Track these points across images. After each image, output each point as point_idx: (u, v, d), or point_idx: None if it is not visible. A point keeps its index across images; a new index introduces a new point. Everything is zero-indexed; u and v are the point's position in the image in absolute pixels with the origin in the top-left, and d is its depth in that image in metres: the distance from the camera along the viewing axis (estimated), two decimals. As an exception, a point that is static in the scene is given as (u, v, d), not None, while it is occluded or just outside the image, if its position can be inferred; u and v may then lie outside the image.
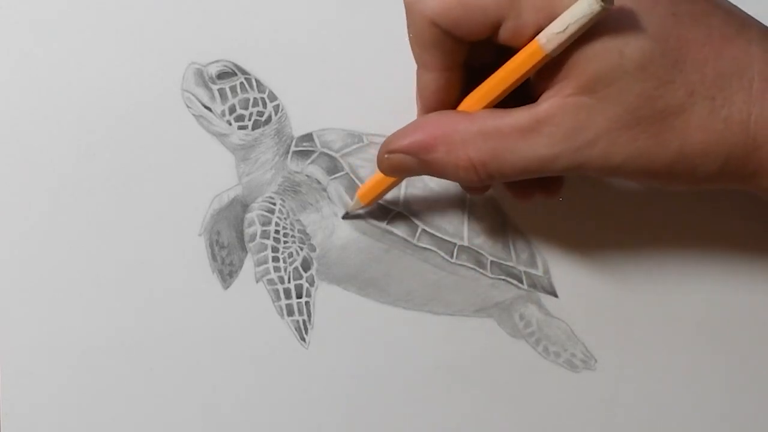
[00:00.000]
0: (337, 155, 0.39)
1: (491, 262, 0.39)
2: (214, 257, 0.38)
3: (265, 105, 0.38)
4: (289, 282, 0.38)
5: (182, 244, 0.38)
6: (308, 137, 0.39)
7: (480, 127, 0.31)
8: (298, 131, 0.39)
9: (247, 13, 0.38)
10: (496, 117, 0.31)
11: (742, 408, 0.40)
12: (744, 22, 0.31)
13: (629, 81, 0.30)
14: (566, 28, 0.29)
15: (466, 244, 0.39)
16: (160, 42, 0.38)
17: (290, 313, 0.38)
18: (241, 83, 0.38)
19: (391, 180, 0.36)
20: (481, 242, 0.39)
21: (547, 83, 0.31)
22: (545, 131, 0.30)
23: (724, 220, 0.40)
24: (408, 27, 0.32)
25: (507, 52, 0.31)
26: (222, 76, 0.38)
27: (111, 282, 0.38)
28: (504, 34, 0.31)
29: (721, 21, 0.31)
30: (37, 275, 0.38)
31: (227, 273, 0.39)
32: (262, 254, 0.38)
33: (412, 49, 0.33)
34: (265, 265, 0.38)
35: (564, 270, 0.39)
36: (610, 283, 0.39)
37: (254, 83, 0.38)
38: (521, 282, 0.39)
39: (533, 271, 0.39)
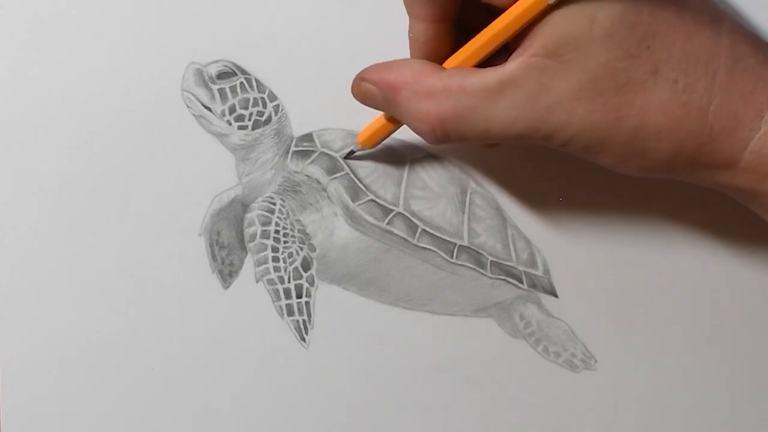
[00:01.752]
0: (337, 155, 0.39)
1: (491, 262, 0.39)
2: (214, 257, 0.38)
3: (265, 105, 0.38)
4: (289, 282, 0.38)
5: (182, 244, 0.38)
6: (308, 137, 0.39)
7: (446, 84, 0.31)
8: (298, 131, 0.39)
9: (247, 13, 0.38)
10: (465, 75, 0.31)
11: (742, 408, 0.40)
12: (718, 13, 0.31)
13: (596, 48, 0.30)
14: None
15: (466, 244, 0.39)
16: (160, 42, 0.38)
17: (290, 313, 0.38)
18: (241, 83, 0.38)
19: (390, 126, 0.36)
20: (481, 242, 0.39)
21: (518, 44, 0.31)
22: (508, 93, 0.30)
23: (724, 221, 0.39)
24: None
25: (496, 14, 0.31)
26: (222, 76, 0.38)
27: (111, 282, 0.38)
28: None
29: (696, 7, 0.31)
30: (37, 275, 0.38)
31: (227, 273, 0.39)
32: (262, 254, 0.38)
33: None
34: (265, 265, 0.38)
35: (564, 270, 0.39)
36: (610, 283, 0.39)
37: (254, 83, 0.38)
38: (521, 282, 0.39)
39: (533, 271, 0.39)
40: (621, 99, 0.30)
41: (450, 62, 0.33)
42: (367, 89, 0.34)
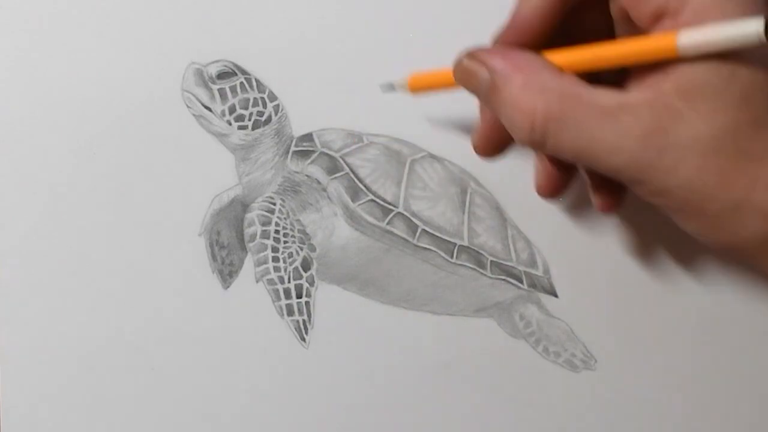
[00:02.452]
0: (337, 155, 0.39)
1: (491, 262, 0.39)
2: (214, 257, 0.38)
3: (265, 105, 0.38)
4: (289, 282, 0.38)
5: (182, 244, 0.38)
6: (308, 137, 0.39)
7: (563, 86, 0.29)
8: (298, 131, 0.39)
9: (247, 13, 0.38)
10: (584, 85, 0.29)
11: (742, 408, 0.40)
12: None
13: (728, 105, 0.28)
14: (721, 42, 0.27)
15: (466, 244, 0.39)
16: (160, 42, 0.38)
17: (290, 313, 0.38)
18: (241, 83, 0.38)
19: (447, 85, 0.34)
20: (481, 242, 0.39)
21: (644, 72, 0.29)
22: (624, 120, 0.28)
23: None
24: None
25: (609, 23, 0.30)
26: (222, 76, 0.38)
27: (111, 282, 0.38)
28: None
29: None
30: (37, 275, 0.38)
31: (227, 273, 0.39)
32: (262, 254, 0.38)
33: None
34: (265, 265, 0.38)
35: (564, 270, 0.39)
36: (610, 283, 0.39)
37: (254, 83, 0.38)
38: (521, 282, 0.39)
39: (533, 271, 0.39)
40: (735, 165, 0.28)
41: (557, 56, 0.31)
42: (473, 68, 0.31)
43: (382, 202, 0.39)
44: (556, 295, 0.39)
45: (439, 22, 0.38)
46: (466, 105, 0.39)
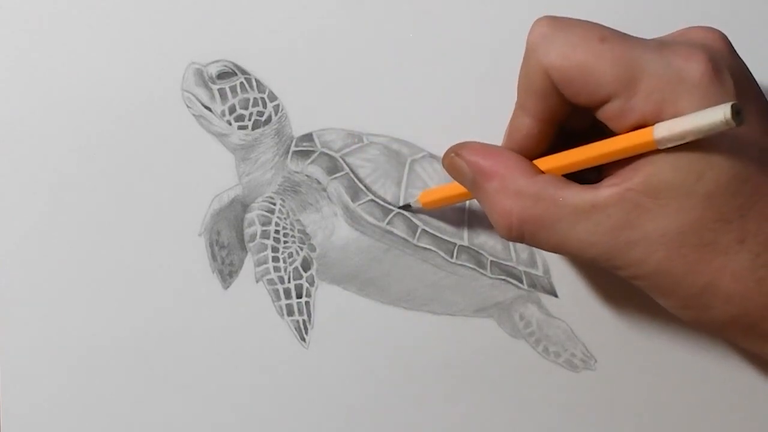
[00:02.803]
0: (337, 155, 0.39)
1: (491, 262, 0.39)
2: (214, 257, 0.38)
3: (265, 105, 0.38)
4: (289, 282, 0.38)
5: (182, 244, 0.38)
6: (308, 137, 0.39)
7: (538, 190, 0.32)
8: (298, 131, 0.39)
9: (247, 13, 0.38)
10: (558, 187, 0.31)
11: (742, 408, 0.40)
12: None
13: (694, 203, 0.29)
14: (694, 131, 0.28)
15: (466, 244, 0.39)
16: (160, 42, 0.38)
17: (290, 313, 0.38)
18: (241, 83, 0.38)
19: (460, 198, 0.36)
20: (481, 242, 0.39)
21: (615, 169, 0.31)
22: (595, 218, 0.31)
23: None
24: (522, 68, 0.32)
25: (596, 125, 0.32)
26: (222, 76, 0.38)
27: (111, 282, 0.38)
28: (607, 111, 0.31)
29: None
30: (37, 275, 0.38)
31: (227, 273, 0.39)
32: (262, 254, 0.38)
33: (518, 90, 0.33)
34: (265, 265, 0.38)
35: (564, 270, 0.39)
36: (610, 283, 0.39)
37: (254, 83, 0.38)
38: (521, 282, 0.39)
39: (533, 271, 0.39)
40: (701, 256, 0.30)
41: (543, 162, 0.33)
42: (459, 165, 0.34)
43: (382, 202, 0.39)
44: (556, 295, 0.39)
45: (439, 22, 0.38)
46: (466, 105, 0.39)
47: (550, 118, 0.33)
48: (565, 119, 0.33)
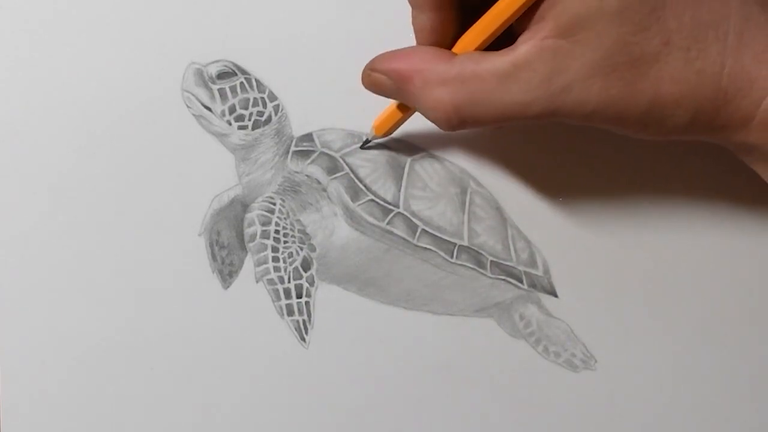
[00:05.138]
0: (337, 155, 0.39)
1: (491, 262, 0.39)
2: (214, 257, 0.38)
3: (265, 105, 0.38)
4: (289, 282, 0.38)
5: (182, 244, 0.38)
6: (308, 137, 0.39)
7: (459, 71, 0.32)
8: (298, 131, 0.39)
9: (247, 13, 0.38)
10: (477, 61, 0.31)
11: (742, 408, 0.40)
12: None
13: (607, 25, 0.30)
14: None
15: (466, 244, 0.39)
16: (160, 42, 0.38)
17: (290, 313, 0.38)
18: (241, 83, 0.38)
19: (402, 113, 0.36)
20: (481, 242, 0.39)
21: (525, 24, 0.31)
22: (522, 77, 0.31)
23: (724, 224, 0.39)
24: None
25: None
26: (222, 76, 0.38)
27: (111, 282, 0.38)
28: None
29: None
30: (37, 275, 0.38)
31: (227, 273, 0.39)
32: (262, 254, 0.38)
33: None
34: (265, 265, 0.38)
35: (564, 270, 0.39)
36: (610, 283, 0.39)
37: (254, 83, 0.38)
38: (521, 282, 0.39)
39: (533, 271, 0.39)
40: (635, 72, 0.30)
41: (457, 47, 0.33)
42: (378, 79, 0.34)
43: (382, 202, 0.39)
44: (556, 295, 0.39)
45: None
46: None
47: (445, 4, 0.33)
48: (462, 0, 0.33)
